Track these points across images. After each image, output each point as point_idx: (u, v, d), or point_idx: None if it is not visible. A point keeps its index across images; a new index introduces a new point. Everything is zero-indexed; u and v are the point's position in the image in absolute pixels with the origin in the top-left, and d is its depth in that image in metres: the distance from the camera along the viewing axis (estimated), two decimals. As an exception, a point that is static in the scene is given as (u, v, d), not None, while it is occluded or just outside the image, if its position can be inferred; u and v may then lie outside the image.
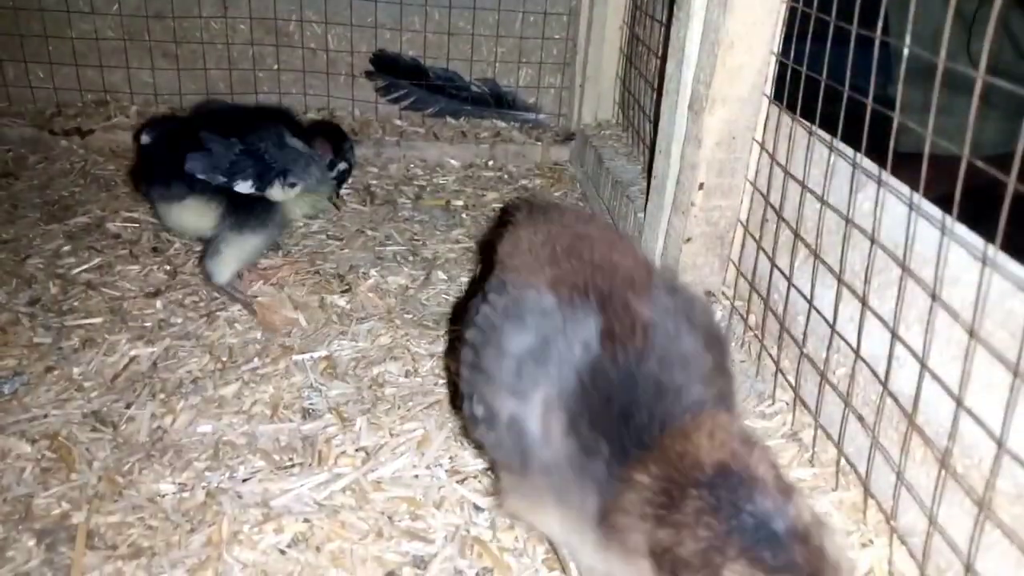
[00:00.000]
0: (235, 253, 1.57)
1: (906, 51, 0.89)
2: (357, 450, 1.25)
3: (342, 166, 1.99)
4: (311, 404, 1.36)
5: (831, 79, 1.09)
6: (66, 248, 1.83)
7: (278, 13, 2.61)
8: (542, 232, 1.00)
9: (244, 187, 1.55)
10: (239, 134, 1.59)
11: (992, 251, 0.81)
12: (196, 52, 2.61)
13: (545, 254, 0.95)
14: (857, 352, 1.05)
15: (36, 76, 2.57)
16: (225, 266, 1.58)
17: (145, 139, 1.65)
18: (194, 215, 1.56)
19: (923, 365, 0.91)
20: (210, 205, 1.56)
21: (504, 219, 1.13)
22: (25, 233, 1.90)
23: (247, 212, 1.58)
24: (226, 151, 1.54)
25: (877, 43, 0.95)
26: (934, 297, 0.89)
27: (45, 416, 1.30)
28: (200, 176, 1.52)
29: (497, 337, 0.88)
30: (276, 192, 1.59)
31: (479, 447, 1.20)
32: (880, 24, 0.96)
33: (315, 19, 2.63)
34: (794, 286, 1.22)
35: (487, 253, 1.21)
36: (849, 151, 1.10)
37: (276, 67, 2.67)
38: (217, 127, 1.58)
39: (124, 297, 1.66)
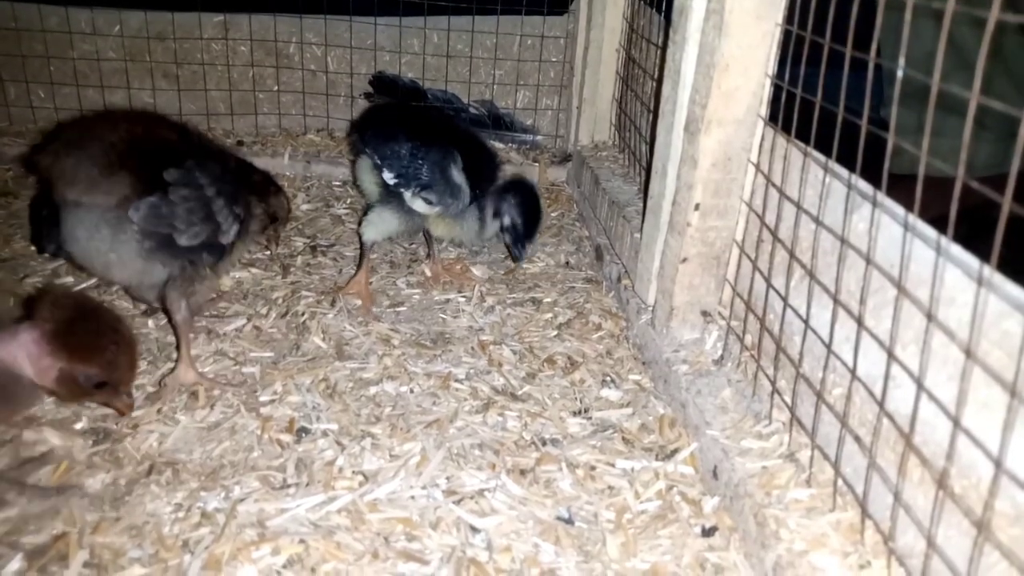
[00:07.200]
0: (374, 221, 1.84)
1: (900, 73, 0.90)
2: (354, 472, 1.24)
3: (505, 221, 1.94)
4: (308, 424, 1.35)
5: (825, 101, 1.10)
6: (64, 268, 1.83)
7: (278, 35, 2.63)
8: None
9: (388, 176, 1.82)
10: (438, 141, 1.84)
11: (988, 271, 0.81)
12: (197, 73, 2.63)
13: None
14: (853, 372, 1.05)
15: (37, 96, 2.58)
16: (369, 226, 1.84)
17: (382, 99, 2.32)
18: (365, 172, 1.90)
19: (920, 385, 0.90)
20: (374, 173, 1.86)
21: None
22: (24, 252, 1.90)
23: (396, 196, 1.83)
24: (397, 145, 1.82)
25: (871, 65, 0.96)
26: (930, 317, 0.89)
27: (41, 433, 1.29)
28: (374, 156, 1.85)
29: None
30: (410, 198, 1.80)
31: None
32: (874, 46, 0.97)
33: (315, 41, 2.65)
34: (790, 306, 1.22)
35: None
36: (844, 172, 1.11)
37: (276, 88, 2.69)
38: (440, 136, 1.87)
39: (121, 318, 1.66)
